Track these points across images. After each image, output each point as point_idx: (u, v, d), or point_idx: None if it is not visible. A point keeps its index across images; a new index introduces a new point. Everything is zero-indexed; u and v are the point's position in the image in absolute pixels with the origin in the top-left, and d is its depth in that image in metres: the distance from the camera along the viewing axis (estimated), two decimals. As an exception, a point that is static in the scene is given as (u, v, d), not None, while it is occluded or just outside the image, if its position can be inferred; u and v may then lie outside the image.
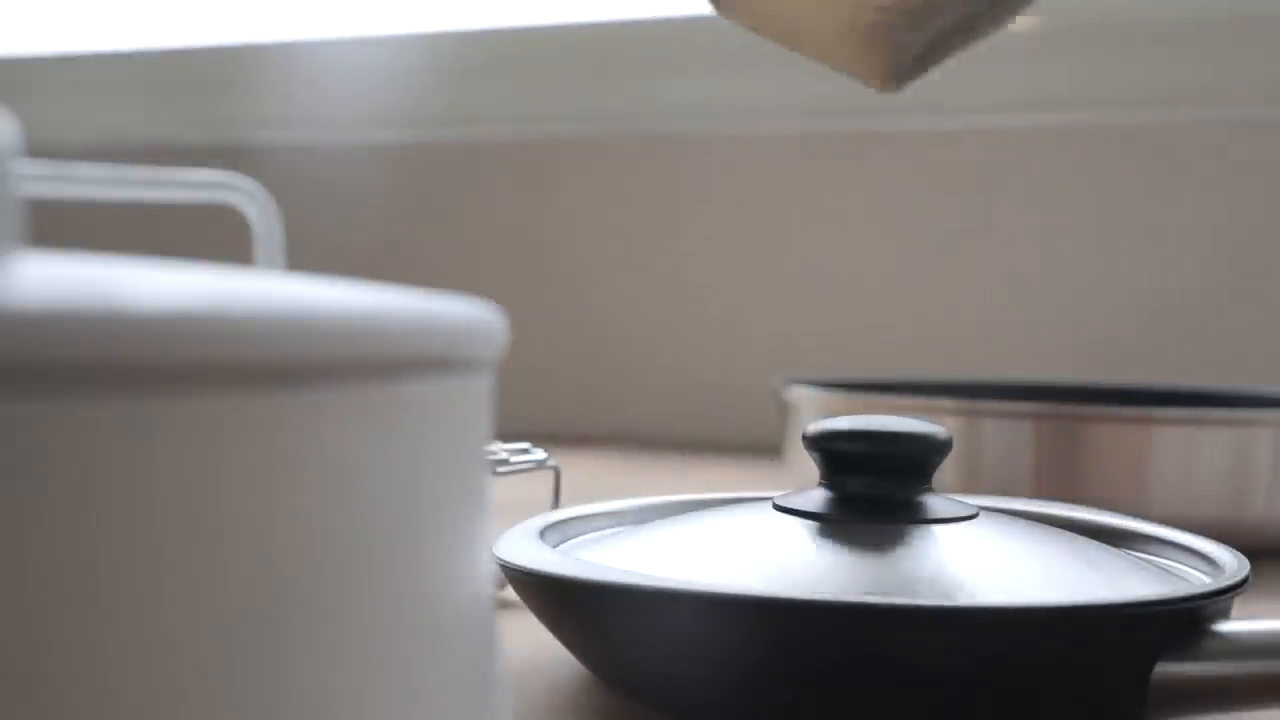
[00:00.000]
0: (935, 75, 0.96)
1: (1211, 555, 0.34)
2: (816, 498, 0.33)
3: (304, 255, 1.16)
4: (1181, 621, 0.28)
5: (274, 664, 0.14)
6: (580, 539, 0.37)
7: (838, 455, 0.33)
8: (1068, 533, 0.34)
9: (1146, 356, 0.92)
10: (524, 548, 0.32)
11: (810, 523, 0.32)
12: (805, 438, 0.33)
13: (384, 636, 0.15)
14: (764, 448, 1.00)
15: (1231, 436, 0.53)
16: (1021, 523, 0.33)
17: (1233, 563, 0.32)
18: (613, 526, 0.39)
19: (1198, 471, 0.53)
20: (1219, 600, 0.28)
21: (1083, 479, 0.53)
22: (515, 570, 0.30)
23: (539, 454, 0.42)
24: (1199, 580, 0.33)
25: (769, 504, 0.34)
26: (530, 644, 0.37)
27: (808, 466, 0.62)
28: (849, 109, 0.99)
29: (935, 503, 0.32)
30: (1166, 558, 0.36)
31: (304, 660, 0.14)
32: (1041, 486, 0.54)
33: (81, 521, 0.12)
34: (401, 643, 0.15)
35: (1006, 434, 0.54)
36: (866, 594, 0.28)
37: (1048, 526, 0.34)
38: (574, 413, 1.07)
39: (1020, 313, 0.95)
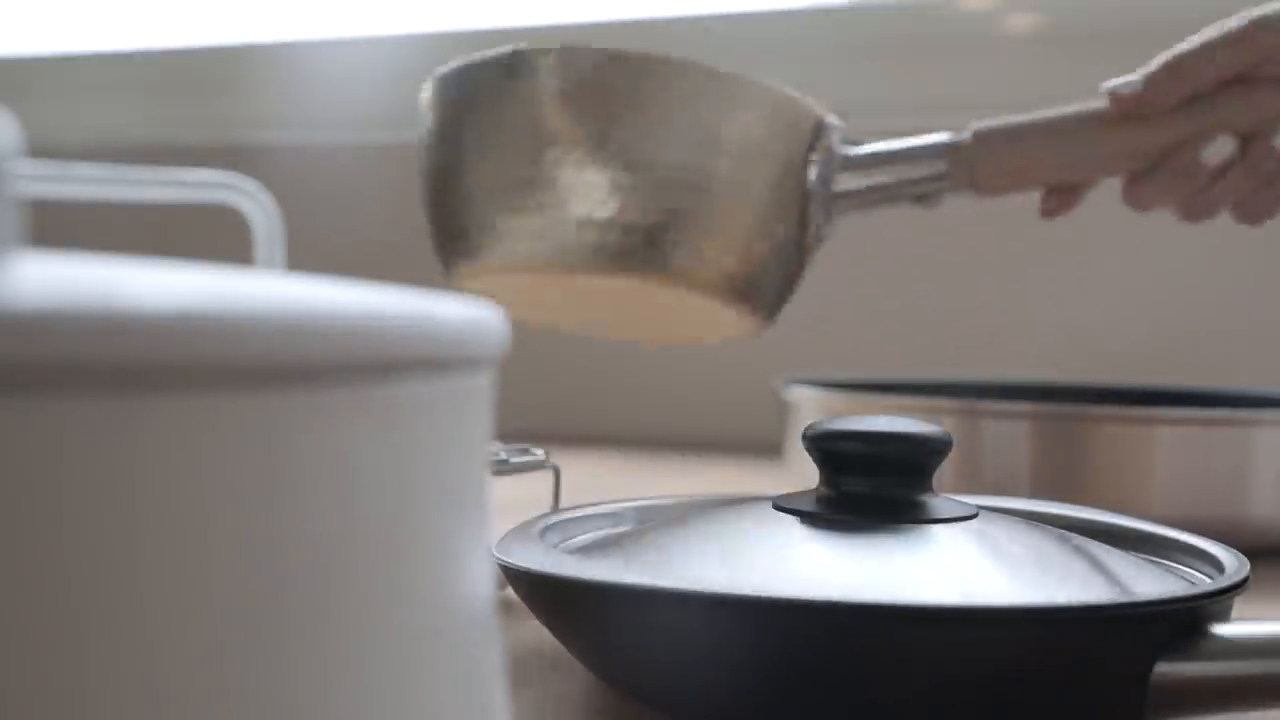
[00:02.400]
0: (934, 76, 0.96)
1: (1212, 555, 0.34)
2: (816, 498, 0.33)
3: (304, 255, 1.16)
4: (1181, 621, 0.28)
5: (272, 664, 0.14)
6: (580, 539, 0.37)
7: (837, 455, 0.33)
8: (1068, 533, 0.34)
9: (1146, 356, 0.92)
10: (524, 548, 0.32)
11: (810, 523, 0.32)
12: (805, 438, 0.33)
13: (384, 637, 0.15)
14: (764, 448, 1.00)
15: (1232, 436, 0.53)
16: (1021, 523, 0.33)
17: (1233, 563, 0.32)
18: (613, 526, 0.39)
19: (1198, 471, 0.53)
20: (1219, 600, 0.28)
21: (1083, 479, 0.53)
22: (515, 570, 0.30)
23: (539, 454, 0.42)
24: (1199, 580, 0.33)
25: (769, 504, 0.34)
26: (530, 644, 0.37)
27: (808, 466, 0.62)
28: (848, 108, 0.99)
29: (935, 503, 0.32)
30: (1167, 558, 0.36)
31: (302, 660, 0.14)
32: (1041, 486, 0.54)
33: (81, 521, 0.12)
34: (401, 643, 0.15)
35: (1006, 434, 0.54)
36: (866, 594, 0.28)
37: (1048, 526, 0.34)
38: (574, 413, 1.07)
39: (1020, 313, 0.95)
